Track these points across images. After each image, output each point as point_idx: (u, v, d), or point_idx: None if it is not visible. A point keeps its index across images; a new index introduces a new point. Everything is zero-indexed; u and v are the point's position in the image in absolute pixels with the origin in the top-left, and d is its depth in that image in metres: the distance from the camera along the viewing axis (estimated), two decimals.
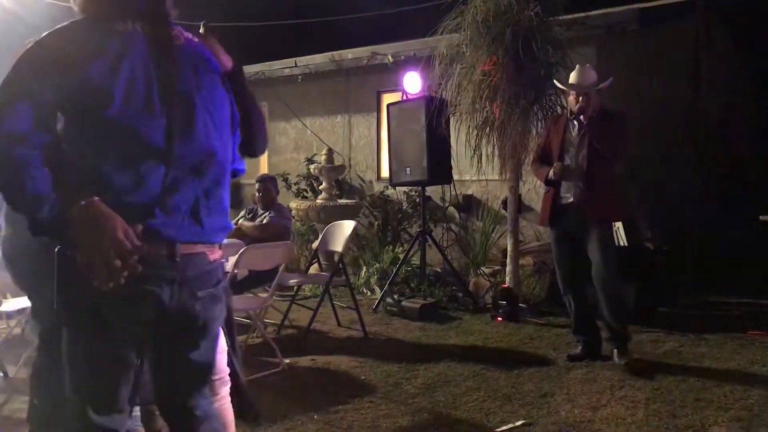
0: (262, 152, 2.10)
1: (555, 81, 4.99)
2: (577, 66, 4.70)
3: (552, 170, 4.46)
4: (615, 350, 4.43)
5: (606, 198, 4.38)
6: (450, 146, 6.44)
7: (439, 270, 7.04)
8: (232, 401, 2.25)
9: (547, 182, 4.56)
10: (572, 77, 4.60)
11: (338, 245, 5.53)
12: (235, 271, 4.32)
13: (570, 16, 6.25)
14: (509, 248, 6.05)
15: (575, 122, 4.51)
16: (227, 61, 1.90)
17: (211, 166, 1.77)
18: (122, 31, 1.66)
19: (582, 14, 6.66)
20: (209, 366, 1.90)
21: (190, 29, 1.86)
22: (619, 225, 6.48)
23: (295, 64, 9.46)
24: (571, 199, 4.46)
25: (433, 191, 7.56)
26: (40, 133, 1.57)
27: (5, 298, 4.57)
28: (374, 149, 8.90)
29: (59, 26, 1.64)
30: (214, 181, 1.79)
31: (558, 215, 4.53)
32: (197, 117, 1.73)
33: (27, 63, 1.60)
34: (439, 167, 6.45)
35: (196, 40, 1.84)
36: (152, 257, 1.64)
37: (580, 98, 4.45)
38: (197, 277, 1.77)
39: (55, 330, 1.79)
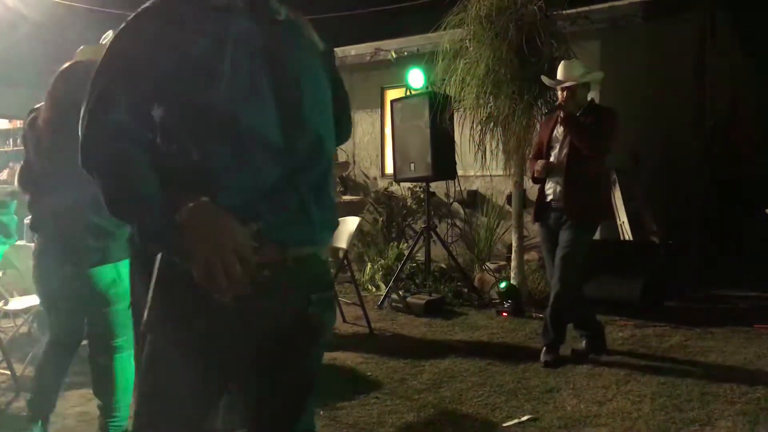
0: (346, 140, 1.90)
1: (542, 77, 4.75)
2: (563, 61, 4.60)
3: (536, 168, 4.42)
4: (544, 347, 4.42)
5: (584, 197, 4.22)
6: (454, 142, 6.43)
7: (444, 266, 7.04)
8: None
9: (534, 179, 4.52)
10: (558, 72, 4.48)
11: (343, 242, 5.53)
12: None
13: (574, 10, 6.22)
14: (514, 243, 6.04)
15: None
16: (318, 41, 1.71)
17: (320, 156, 1.54)
18: (221, 6, 1.45)
19: (586, 8, 6.64)
20: (316, 379, 1.66)
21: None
22: (624, 219, 6.48)
23: None
24: (551, 197, 4.38)
25: (437, 187, 7.54)
26: (143, 125, 1.38)
27: (12, 296, 4.59)
28: (378, 145, 8.90)
29: (152, 2, 1.44)
30: (322, 173, 1.55)
31: (543, 213, 4.44)
32: (305, 102, 1.50)
33: (121, 44, 1.40)
34: (444, 163, 6.44)
35: (292, 16, 1.59)
36: (263, 262, 1.40)
37: (564, 93, 4.33)
38: (310, 280, 1.56)
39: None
